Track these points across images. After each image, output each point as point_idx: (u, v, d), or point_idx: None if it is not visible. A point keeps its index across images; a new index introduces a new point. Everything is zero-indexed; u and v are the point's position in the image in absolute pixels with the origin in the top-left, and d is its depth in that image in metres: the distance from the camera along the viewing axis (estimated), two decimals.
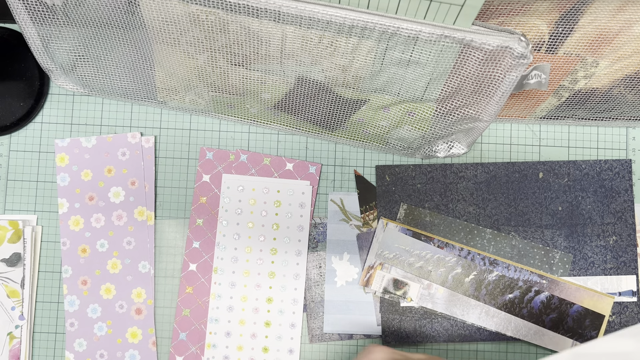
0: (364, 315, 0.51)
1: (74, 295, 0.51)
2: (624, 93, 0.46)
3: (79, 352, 0.51)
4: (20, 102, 0.51)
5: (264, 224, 0.51)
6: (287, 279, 0.51)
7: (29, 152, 0.52)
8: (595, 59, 0.42)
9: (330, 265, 0.51)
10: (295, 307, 0.51)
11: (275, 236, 0.51)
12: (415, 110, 0.44)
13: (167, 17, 0.38)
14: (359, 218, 0.52)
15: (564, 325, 0.51)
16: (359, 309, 0.51)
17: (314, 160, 0.53)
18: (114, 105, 0.52)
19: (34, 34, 0.43)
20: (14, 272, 0.50)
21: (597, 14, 0.38)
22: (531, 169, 0.52)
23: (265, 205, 0.51)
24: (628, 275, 0.51)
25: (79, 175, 0.51)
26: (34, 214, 0.52)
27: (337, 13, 0.34)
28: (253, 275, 0.51)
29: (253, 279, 0.51)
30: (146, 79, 0.47)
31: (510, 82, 0.38)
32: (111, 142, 0.51)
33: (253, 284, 0.51)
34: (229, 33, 0.38)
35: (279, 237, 0.51)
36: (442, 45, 0.36)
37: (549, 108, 0.49)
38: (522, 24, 0.39)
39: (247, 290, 0.51)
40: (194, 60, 0.42)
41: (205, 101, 0.48)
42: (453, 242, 0.51)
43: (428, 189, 0.52)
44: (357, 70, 0.40)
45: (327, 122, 0.48)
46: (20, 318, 0.50)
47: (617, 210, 0.51)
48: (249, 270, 0.51)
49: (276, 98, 0.46)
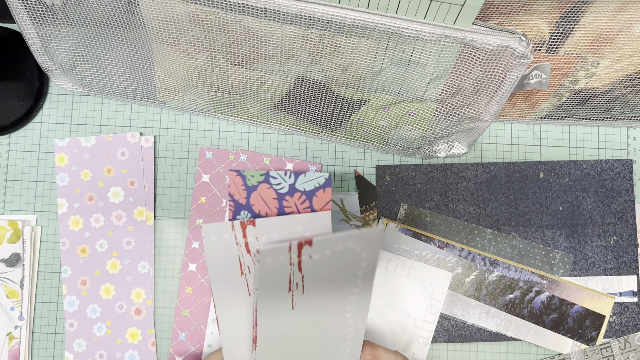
0: None
1: (74, 295, 0.51)
2: (624, 93, 0.46)
3: (78, 353, 0.50)
4: (20, 102, 0.51)
5: None
6: None
7: (28, 152, 0.52)
8: (596, 58, 0.42)
9: None
10: None
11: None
12: (415, 110, 0.44)
13: (167, 17, 0.38)
14: (359, 218, 0.52)
15: (564, 326, 0.51)
16: None
17: (314, 160, 0.52)
18: (113, 105, 0.52)
19: (33, 34, 0.43)
20: (13, 272, 0.50)
21: (598, 14, 0.38)
22: (532, 169, 0.52)
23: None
24: (629, 275, 0.51)
25: (79, 175, 0.51)
26: (34, 214, 0.52)
27: (337, 13, 0.34)
28: None
29: None
30: (146, 78, 0.47)
31: (511, 82, 0.37)
32: (110, 142, 0.51)
33: None
34: (229, 33, 0.38)
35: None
36: (443, 45, 0.36)
37: (550, 108, 0.49)
38: (522, 23, 0.39)
39: None
40: (193, 60, 0.42)
41: (205, 101, 0.48)
42: (453, 242, 0.51)
43: (428, 189, 0.52)
44: (357, 70, 0.40)
45: (327, 122, 0.48)
46: (19, 318, 0.50)
47: (617, 211, 0.51)
48: None
49: (276, 98, 0.45)
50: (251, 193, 0.42)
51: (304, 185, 0.42)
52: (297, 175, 0.42)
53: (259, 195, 0.42)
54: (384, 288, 0.51)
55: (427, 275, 0.51)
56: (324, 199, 0.42)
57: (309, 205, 0.41)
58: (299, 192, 0.42)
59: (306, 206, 0.41)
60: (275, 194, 0.42)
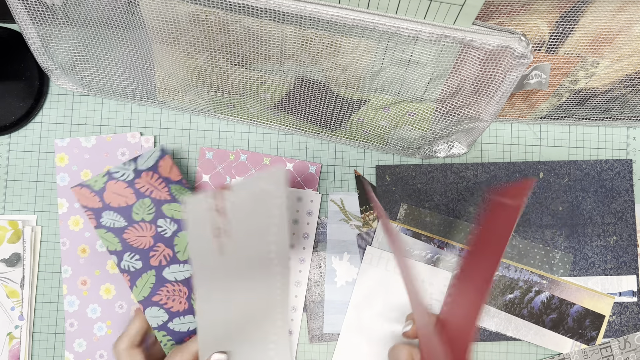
0: None
1: (74, 295, 0.51)
2: (624, 93, 0.46)
3: (78, 353, 0.51)
4: (20, 102, 0.51)
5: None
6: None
7: (28, 152, 0.52)
8: (595, 58, 0.42)
9: (330, 265, 0.51)
10: (293, 314, 0.51)
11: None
12: (415, 110, 0.44)
13: (167, 17, 0.38)
14: (359, 218, 0.52)
15: (564, 326, 0.51)
16: None
17: (314, 160, 0.52)
18: (113, 105, 0.52)
19: (33, 34, 0.43)
20: (13, 272, 0.50)
21: (598, 14, 0.38)
22: (532, 169, 0.52)
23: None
24: (628, 275, 0.51)
25: (79, 175, 0.51)
26: (34, 214, 0.52)
27: (337, 13, 0.34)
28: None
29: None
30: (146, 78, 0.47)
31: (511, 82, 0.38)
32: (111, 142, 0.51)
33: None
34: (229, 33, 0.38)
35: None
36: (442, 45, 0.36)
37: (550, 108, 0.49)
38: (522, 23, 0.39)
39: None
40: (193, 60, 0.42)
41: (205, 101, 0.48)
42: (453, 242, 0.51)
43: (428, 189, 0.52)
44: (357, 70, 0.40)
45: (327, 122, 0.48)
46: (19, 318, 0.50)
47: (617, 210, 0.51)
48: None
49: (276, 98, 0.46)
50: (102, 194, 0.46)
51: (146, 164, 0.47)
52: (135, 160, 0.47)
53: (111, 192, 0.46)
54: (384, 288, 0.51)
55: (427, 275, 0.51)
56: (167, 166, 0.47)
57: (159, 176, 0.47)
58: (144, 172, 0.47)
59: (156, 178, 0.47)
60: (125, 183, 0.47)
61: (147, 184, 0.46)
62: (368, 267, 0.51)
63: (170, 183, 0.47)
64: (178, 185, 0.47)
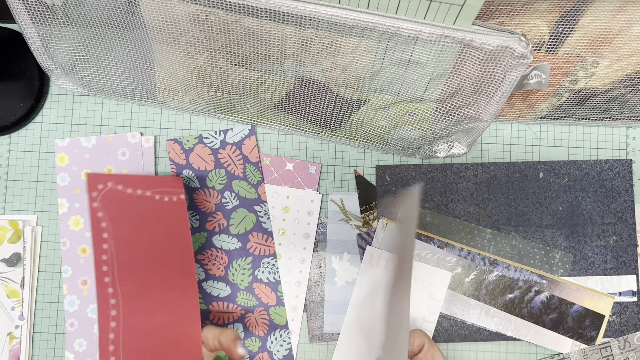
0: None
1: (74, 295, 0.51)
2: (624, 93, 0.46)
3: (79, 352, 0.51)
4: (20, 102, 0.51)
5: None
6: (288, 286, 0.51)
7: (28, 152, 0.52)
8: (595, 59, 0.42)
9: (330, 265, 0.51)
10: (294, 314, 0.51)
11: (280, 241, 0.51)
12: (415, 110, 0.44)
13: (167, 17, 0.38)
14: (359, 218, 0.52)
15: (564, 325, 0.51)
16: None
17: (314, 160, 0.52)
18: (113, 105, 0.52)
19: (34, 34, 0.43)
20: (13, 272, 0.50)
21: (597, 14, 0.38)
22: (531, 169, 0.52)
23: (274, 210, 0.51)
24: (628, 275, 0.51)
25: (79, 175, 0.51)
26: (34, 214, 0.52)
27: (337, 13, 0.34)
28: None
29: None
30: (146, 79, 0.47)
31: (511, 82, 0.38)
32: (111, 142, 0.51)
33: None
34: (229, 33, 0.38)
35: (285, 242, 0.51)
36: (442, 45, 0.36)
37: (549, 108, 0.49)
38: (522, 23, 0.39)
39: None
40: (194, 60, 0.42)
41: (205, 101, 0.48)
42: (453, 242, 0.51)
43: (428, 189, 0.52)
44: (357, 70, 0.40)
45: (327, 122, 0.48)
46: (20, 318, 0.50)
47: (617, 210, 0.51)
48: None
49: (276, 98, 0.46)
50: (189, 154, 0.51)
51: (233, 138, 0.51)
52: (225, 132, 0.51)
53: (196, 154, 0.51)
54: (383, 288, 0.51)
55: (427, 275, 0.51)
56: (250, 146, 0.51)
57: (240, 153, 0.51)
58: (229, 144, 0.51)
59: (237, 154, 0.51)
60: (210, 150, 0.51)
61: (228, 157, 0.51)
62: (368, 267, 0.51)
63: (247, 162, 0.51)
64: (253, 166, 0.51)
